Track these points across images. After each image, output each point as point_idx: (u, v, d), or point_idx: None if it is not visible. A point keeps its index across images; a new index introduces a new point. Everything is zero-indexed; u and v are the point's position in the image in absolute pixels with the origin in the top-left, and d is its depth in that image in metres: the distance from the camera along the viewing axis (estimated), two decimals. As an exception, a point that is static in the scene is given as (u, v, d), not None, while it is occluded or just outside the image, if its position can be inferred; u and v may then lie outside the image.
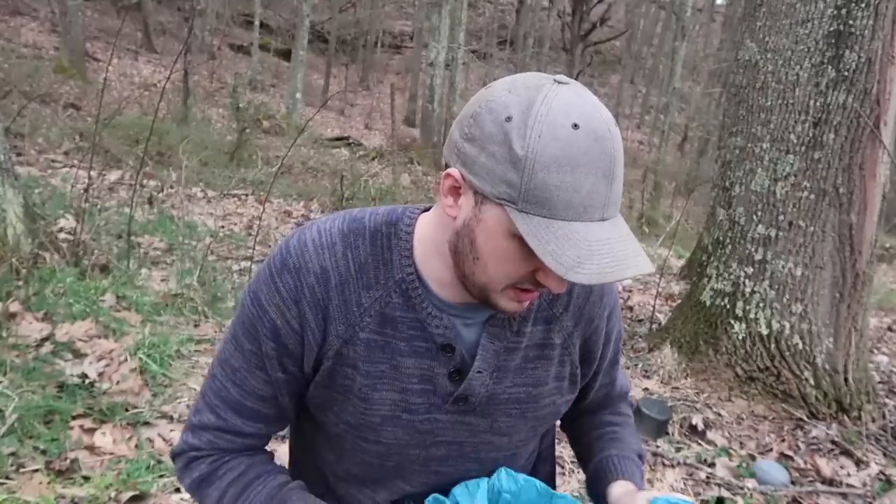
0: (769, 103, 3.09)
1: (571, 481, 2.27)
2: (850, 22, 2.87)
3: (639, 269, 0.65)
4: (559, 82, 0.68)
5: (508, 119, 0.65)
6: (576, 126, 0.63)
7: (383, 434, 0.84)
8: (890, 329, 4.98)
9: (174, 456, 0.90)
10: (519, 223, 0.65)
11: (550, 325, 0.87)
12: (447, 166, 0.72)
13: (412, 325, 0.81)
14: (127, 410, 2.19)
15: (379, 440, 0.84)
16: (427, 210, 0.84)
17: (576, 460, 1.18)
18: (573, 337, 0.89)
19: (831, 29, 2.91)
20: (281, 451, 1.09)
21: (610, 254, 0.64)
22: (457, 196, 0.72)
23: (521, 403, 0.88)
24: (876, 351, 4.23)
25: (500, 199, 0.66)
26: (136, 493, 1.82)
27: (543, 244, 0.63)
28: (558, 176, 0.63)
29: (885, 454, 2.71)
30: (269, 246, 4.76)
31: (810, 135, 2.96)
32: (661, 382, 3.16)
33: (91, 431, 2.04)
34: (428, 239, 0.80)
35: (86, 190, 3.56)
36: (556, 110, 0.64)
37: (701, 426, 2.75)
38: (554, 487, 0.99)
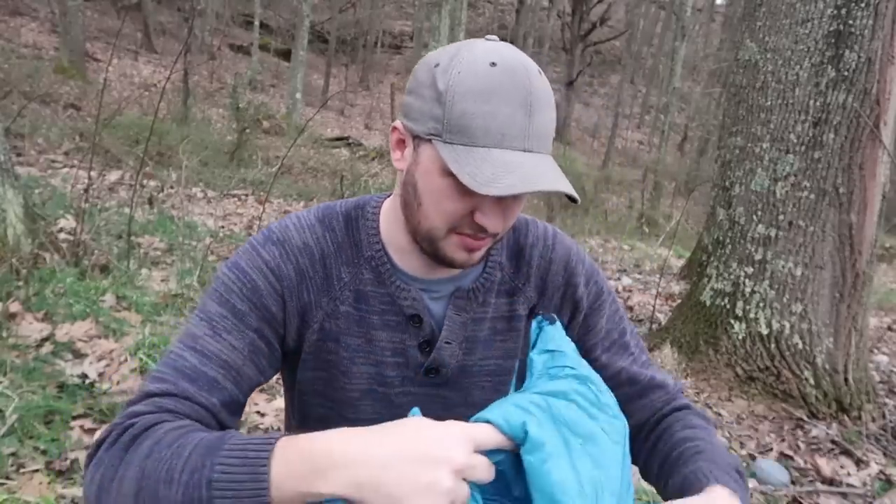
0: (769, 103, 3.10)
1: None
2: (850, 22, 2.87)
3: (555, 186, 0.68)
4: (487, 39, 0.75)
5: (437, 65, 0.72)
6: (493, 64, 0.70)
7: (361, 409, 0.86)
8: (890, 329, 4.97)
9: (95, 445, 0.69)
10: (444, 152, 0.70)
11: (514, 296, 0.89)
12: None
13: (383, 299, 0.84)
14: (127, 410, 2.19)
15: (358, 416, 0.86)
16: None
17: None
18: (539, 308, 0.90)
19: (831, 29, 2.91)
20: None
21: (526, 172, 0.68)
22: (402, 148, 0.78)
23: (493, 376, 0.90)
24: (876, 351, 4.23)
25: (429, 135, 0.72)
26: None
27: (462, 166, 0.68)
28: (475, 105, 0.68)
29: (885, 454, 2.71)
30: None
31: (810, 135, 2.96)
32: (661, 382, 3.16)
33: (91, 432, 2.04)
34: (390, 211, 0.84)
35: (86, 190, 3.55)
36: (476, 53, 0.71)
37: (701, 426, 2.75)
38: None
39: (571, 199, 0.71)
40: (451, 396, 0.89)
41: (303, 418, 0.91)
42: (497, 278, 0.88)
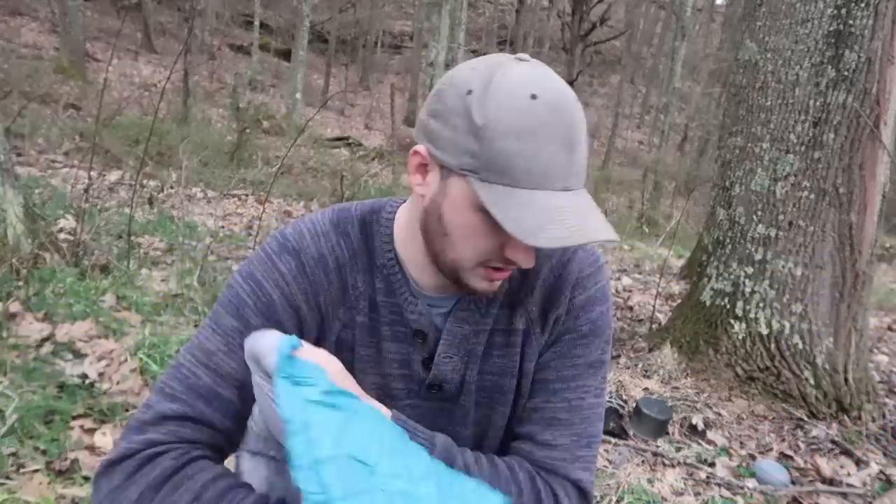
0: (769, 103, 3.09)
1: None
2: (850, 22, 2.87)
3: (601, 236, 0.65)
4: (520, 59, 0.69)
5: (469, 92, 0.66)
6: (534, 97, 0.65)
7: None
8: (890, 329, 4.97)
9: (109, 465, 0.70)
10: (481, 192, 0.66)
11: (514, 309, 0.85)
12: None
13: (392, 309, 0.82)
14: (127, 411, 2.19)
15: None
16: None
17: None
18: (535, 325, 0.85)
19: (831, 29, 2.91)
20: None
21: (571, 220, 0.65)
22: (424, 173, 0.73)
23: (488, 392, 0.86)
24: (876, 350, 4.23)
25: (463, 170, 0.67)
26: (137, 493, 1.81)
27: (505, 211, 0.64)
28: (517, 144, 0.64)
29: (885, 454, 2.71)
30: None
31: (810, 134, 2.96)
32: (661, 382, 3.16)
33: (91, 432, 2.04)
34: (406, 223, 0.81)
35: (86, 190, 3.55)
36: (514, 82, 0.65)
37: (701, 426, 2.75)
38: None
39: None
40: (455, 411, 0.86)
41: None
42: (504, 288, 0.84)
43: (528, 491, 0.77)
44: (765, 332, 3.02)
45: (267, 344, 0.66)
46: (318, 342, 0.80)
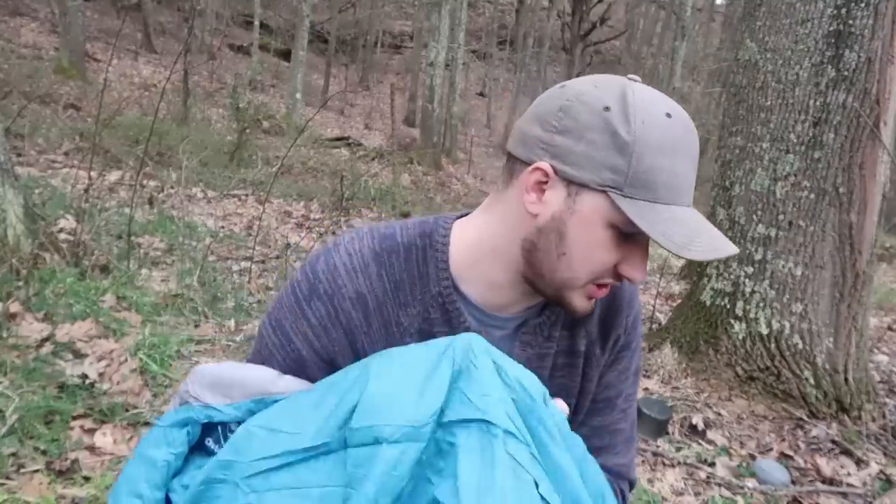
0: (769, 103, 3.09)
1: None
2: (850, 21, 2.87)
3: (731, 249, 0.69)
4: (633, 79, 0.72)
5: (607, 108, 0.67)
6: (668, 115, 0.67)
7: None
8: (890, 328, 4.97)
9: None
10: (626, 207, 0.66)
11: (574, 330, 0.85)
12: (514, 160, 0.73)
13: None
14: (127, 411, 2.19)
15: None
16: (462, 216, 0.82)
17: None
18: (595, 346, 0.86)
19: (831, 28, 2.91)
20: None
21: (707, 233, 0.68)
22: (541, 192, 0.71)
23: None
24: (876, 350, 4.23)
25: (603, 186, 0.67)
26: (137, 493, 1.81)
27: (653, 225, 0.66)
28: (662, 160, 0.66)
29: (885, 454, 2.71)
30: (270, 246, 4.76)
31: (810, 134, 2.96)
32: (662, 382, 3.16)
33: (91, 432, 2.04)
34: (477, 244, 0.78)
35: (86, 190, 3.56)
36: (647, 101, 0.67)
37: (701, 426, 2.75)
38: None
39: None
40: None
41: None
42: (562, 311, 0.83)
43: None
44: (765, 331, 3.02)
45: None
46: None
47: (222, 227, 5.10)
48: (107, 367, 2.40)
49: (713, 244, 0.67)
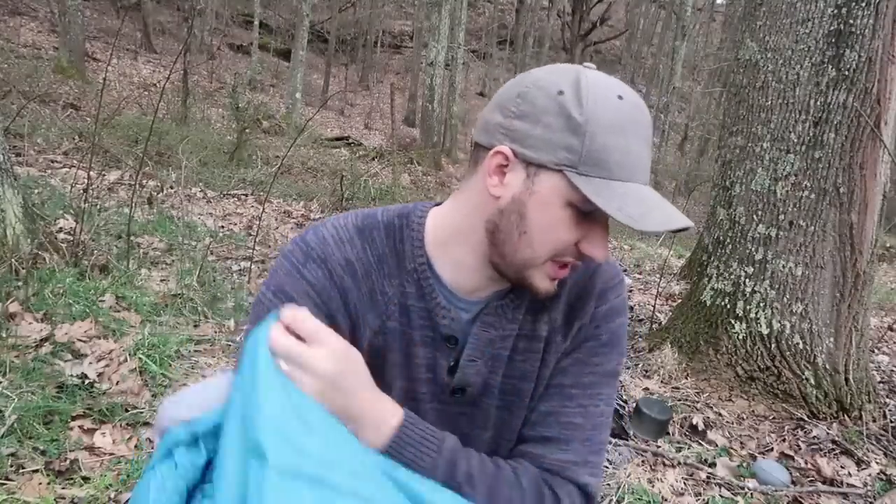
0: (769, 102, 3.09)
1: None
2: (851, 21, 2.86)
3: (686, 223, 0.71)
4: (588, 67, 0.75)
5: (561, 93, 0.71)
6: (620, 97, 0.71)
7: None
8: (890, 329, 4.97)
9: None
10: (581, 185, 0.69)
11: (538, 315, 0.86)
12: (479, 147, 0.77)
13: (422, 314, 0.83)
14: (127, 411, 2.19)
15: None
16: (439, 205, 0.86)
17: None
18: (557, 334, 0.86)
19: (832, 28, 2.91)
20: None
21: (662, 208, 0.71)
22: (502, 175, 0.75)
23: (508, 396, 0.87)
24: (877, 350, 4.23)
25: (559, 166, 0.70)
26: (136, 493, 1.81)
27: (608, 201, 0.69)
28: (615, 138, 0.69)
29: (885, 454, 2.70)
30: (269, 246, 4.76)
31: (811, 134, 2.96)
32: (662, 382, 3.16)
33: (91, 432, 2.04)
34: (446, 226, 0.82)
35: (85, 190, 3.55)
36: (600, 85, 0.71)
37: (701, 426, 2.75)
38: None
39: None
40: (477, 415, 0.87)
41: None
42: (528, 294, 0.84)
43: (531, 495, 0.78)
44: (765, 331, 3.01)
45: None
46: None
47: (222, 227, 5.10)
48: (106, 367, 2.39)
49: (667, 217, 0.70)
